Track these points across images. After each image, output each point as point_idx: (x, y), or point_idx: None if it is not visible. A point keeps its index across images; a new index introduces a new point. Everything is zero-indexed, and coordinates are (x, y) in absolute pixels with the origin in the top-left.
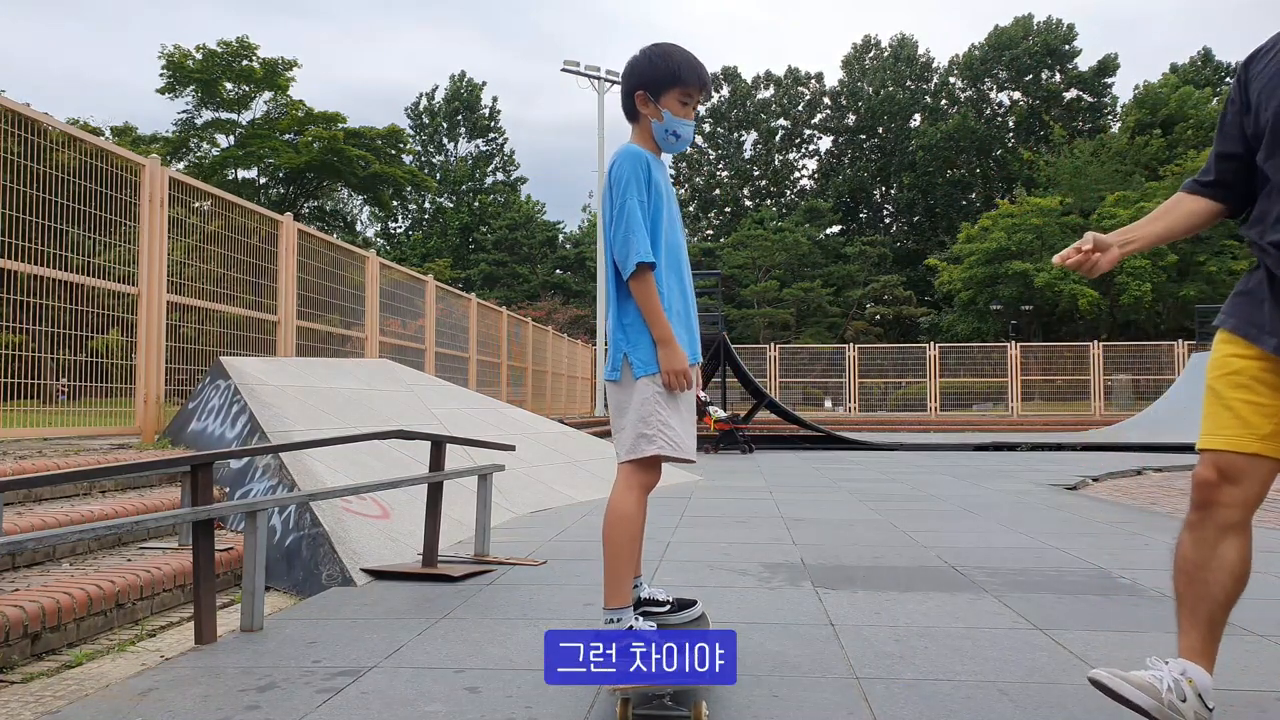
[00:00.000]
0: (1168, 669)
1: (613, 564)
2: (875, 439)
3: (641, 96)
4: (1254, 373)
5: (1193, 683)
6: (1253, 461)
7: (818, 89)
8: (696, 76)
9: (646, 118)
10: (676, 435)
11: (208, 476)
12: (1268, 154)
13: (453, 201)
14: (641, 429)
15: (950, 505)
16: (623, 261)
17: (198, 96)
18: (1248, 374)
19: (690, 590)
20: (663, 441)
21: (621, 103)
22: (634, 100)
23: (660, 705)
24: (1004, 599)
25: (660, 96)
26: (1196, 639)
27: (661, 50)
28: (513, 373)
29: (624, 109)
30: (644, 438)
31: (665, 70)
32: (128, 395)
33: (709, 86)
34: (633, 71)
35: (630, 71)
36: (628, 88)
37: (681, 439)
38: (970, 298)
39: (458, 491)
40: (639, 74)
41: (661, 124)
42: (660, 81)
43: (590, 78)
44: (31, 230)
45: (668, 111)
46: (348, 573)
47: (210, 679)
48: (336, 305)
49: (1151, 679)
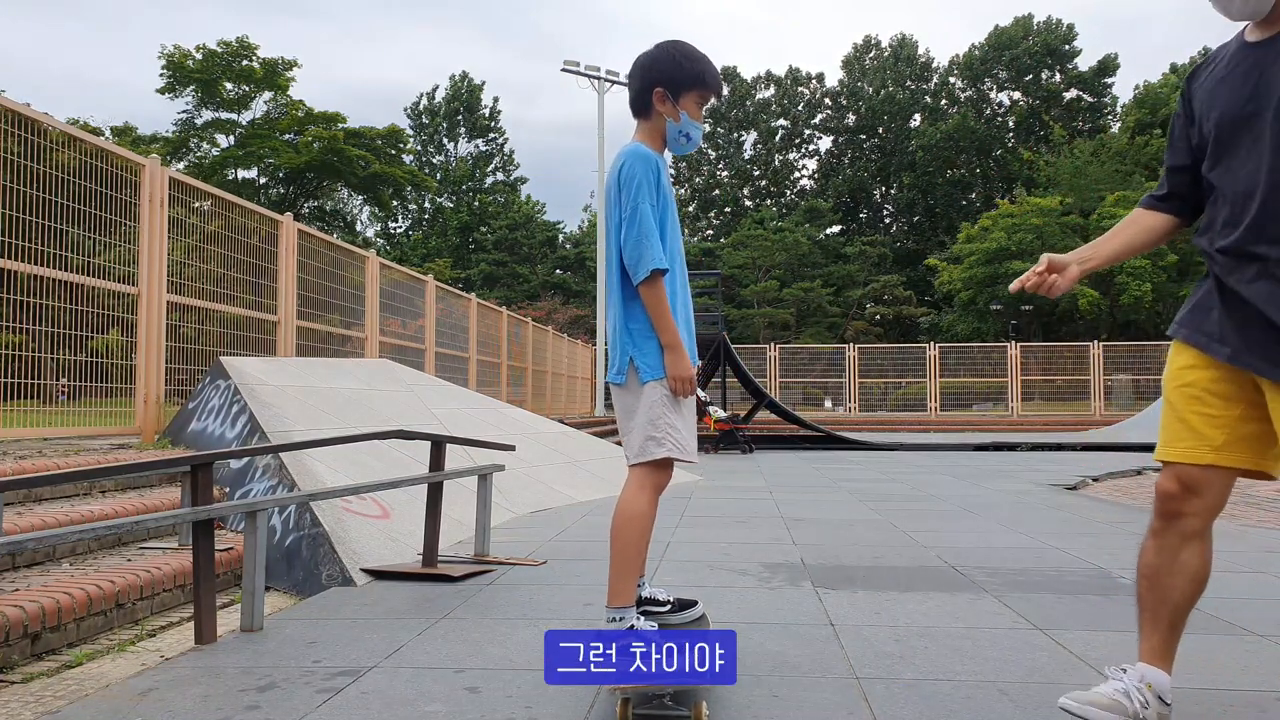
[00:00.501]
0: (1127, 678)
1: (619, 563)
2: (875, 439)
3: (660, 94)
4: (1205, 384)
5: (1151, 686)
6: (1211, 472)
7: (818, 89)
8: (719, 81)
9: (660, 115)
10: (683, 438)
11: (208, 476)
12: (1211, 163)
13: (453, 201)
14: (650, 431)
15: (950, 505)
16: (635, 266)
17: (198, 96)
18: (1200, 385)
19: (690, 590)
20: (671, 444)
21: (633, 97)
22: (651, 96)
23: (660, 705)
24: (1004, 599)
25: (680, 96)
26: (1158, 642)
27: (685, 50)
28: (513, 373)
29: (634, 103)
30: (653, 440)
31: (690, 71)
32: (128, 395)
33: (722, 92)
34: (653, 67)
35: (650, 66)
36: (646, 82)
37: (687, 441)
38: (970, 298)
39: (458, 491)
40: (660, 70)
41: (677, 125)
42: (683, 82)
43: (590, 78)
44: (32, 230)
45: (685, 113)
46: (348, 573)
47: (210, 679)
48: (336, 305)
49: (1115, 695)
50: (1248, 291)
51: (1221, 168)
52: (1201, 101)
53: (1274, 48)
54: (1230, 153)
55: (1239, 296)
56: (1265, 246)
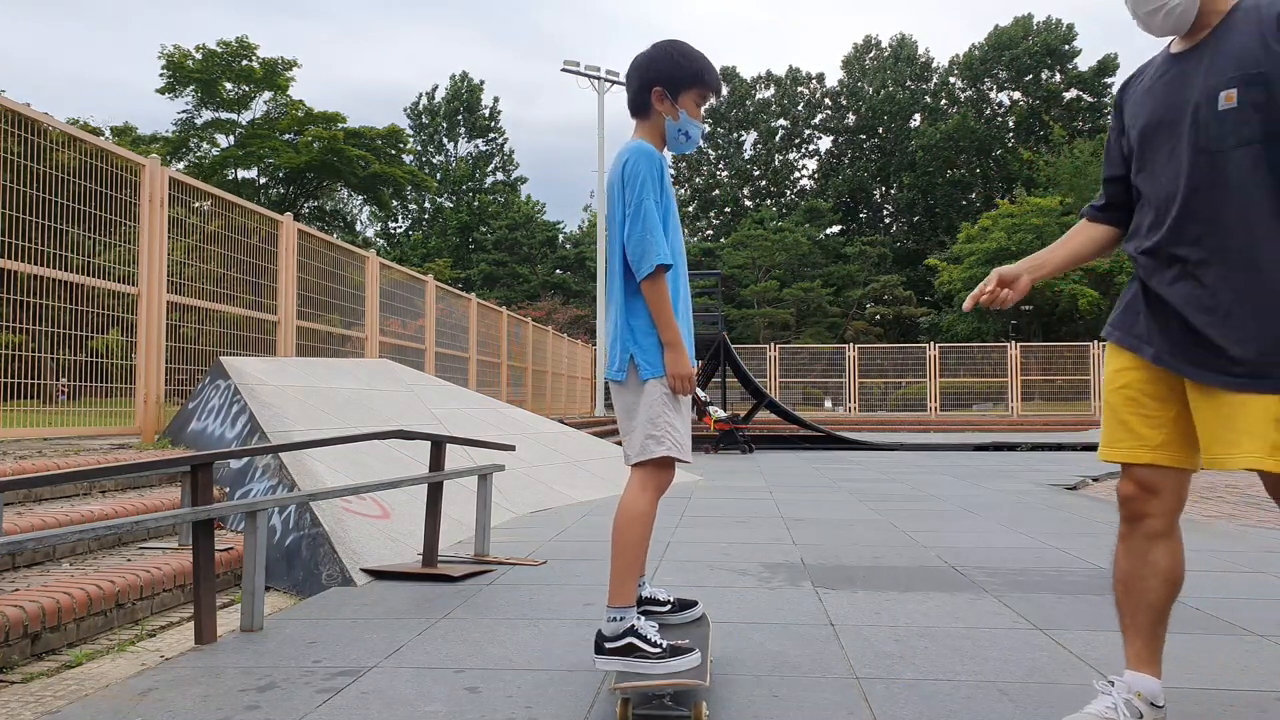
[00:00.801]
0: (1116, 691)
1: (621, 563)
2: (875, 439)
3: (659, 93)
4: (1140, 385)
5: (1141, 695)
6: (1160, 472)
7: (818, 89)
8: (717, 80)
9: (659, 114)
10: (681, 437)
11: (208, 476)
12: (1137, 170)
13: (452, 201)
14: (650, 430)
15: (950, 505)
16: (638, 262)
17: (198, 96)
18: (1135, 387)
19: (690, 590)
20: (671, 443)
21: (631, 97)
22: (650, 95)
23: (660, 705)
24: (1004, 599)
25: (679, 95)
26: (1141, 646)
27: (683, 49)
28: (513, 373)
29: (633, 103)
30: (652, 439)
31: (689, 70)
32: (128, 395)
33: (721, 91)
34: (651, 66)
35: (648, 66)
36: (644, 81)
37: (684, 440)
38: None
39: (458, 491)
40: (659, 70)
41: (676, 123)
42: (682, 80)
43: (590, 78)
44: (32, 230)
45: (684, 112)
46: (348, 573)
47: (210, 679)
48: (336, 305)
49: (1106, 713)
50: (1167, 293)
51: (1146, 173)
52: (1130, 112)
53: (1194, 59)
54: (1154, 159)
55: (1160, 298)
56: (1185, 249)
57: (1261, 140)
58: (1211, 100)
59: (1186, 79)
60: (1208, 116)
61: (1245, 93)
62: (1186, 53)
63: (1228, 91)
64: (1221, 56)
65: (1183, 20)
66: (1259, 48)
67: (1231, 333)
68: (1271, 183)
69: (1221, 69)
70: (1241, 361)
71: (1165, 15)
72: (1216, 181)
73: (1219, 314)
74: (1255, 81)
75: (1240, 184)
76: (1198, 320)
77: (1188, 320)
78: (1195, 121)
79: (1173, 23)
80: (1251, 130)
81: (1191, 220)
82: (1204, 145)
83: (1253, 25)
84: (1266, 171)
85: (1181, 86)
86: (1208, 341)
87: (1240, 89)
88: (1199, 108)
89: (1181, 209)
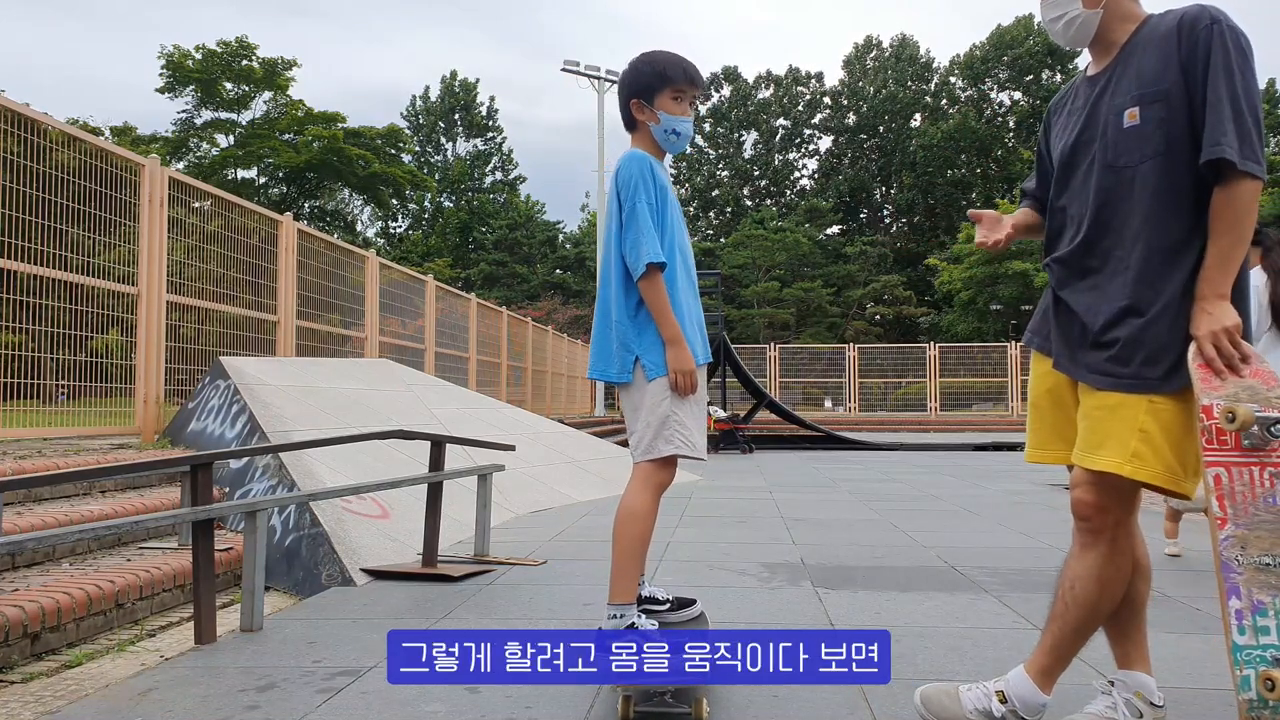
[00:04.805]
0: (1116, 692)
1: (621, 561)
2: (875, 439)
3: (637, 104)
4: (1061, 389)
5: (1140, 694)
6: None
7: (818, 89)
8: (683, 72)
9: (644, 124)
10: (691, 435)
11: (207, 476)
12: (1057, 192)
13: (452, 201)
14: (657, 428)
15: (950, 505)
16: (634, 263)
17: (197, 96)
18: (1056, 391)
19: (690, 590)
20: (679, 441)
21: (621, 117)
22: (631, 110)
23: (661, 702)
24: (1004, 599)
25: (654, 100)
26: (1128, 646)
27: (646, 56)
28: (513, 373)
29: (624, 122)
30: (660, 438)
31: (652, 73)
32: (127, 395)
33: (699, 81)
34: (624, 83)
35: (623, 84)
36: (623, 100)
37: (695, 438)
38: (970, 298)
39: (458, 491)
40: (629, 84)
41: (660, 125)
42: (650, 85)
43: (590, 78)
44: (32, 230)
45: (663, 112)
46: (347, 573)
47: (210, 679)
48: (336, 305)
49: (1106, 713)
50: (1073, 300)
51: (1068, 194)
52: (1054, 134)
53: (1103, 80)
54: (1071, 176)
55: (1066, 305)
56: (1095, 260)
57: (1165, 153)
58: (1118, 119)
59: (1098, 102)
60: (1115, 135)
61: (1147, 109)
62: (1098, 75)
63: (1130, 110)
64: (1126, 78)
65: (1083, 32)
66: (1160, 65)
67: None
68: (1174, 193)
69: (1126, 89)
70: (1099, 344)
71: (1066, 24)
72: (1124, 195)
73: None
74: (1155, 99)
75: (1143, 197)
76: (1093, 324)
77: (1086, 324)
78: (1104, 140)
79: (1074, 33)
80: (1155, 145)
81: (1102, 232)
82: (1111, 162)
83: (1154, 44)
84: (1169, 182)
85: (1094, 109)
86: (1095, 342)
87: (1141, 107)
88: (1107, 126)
89: (1093, 222)
